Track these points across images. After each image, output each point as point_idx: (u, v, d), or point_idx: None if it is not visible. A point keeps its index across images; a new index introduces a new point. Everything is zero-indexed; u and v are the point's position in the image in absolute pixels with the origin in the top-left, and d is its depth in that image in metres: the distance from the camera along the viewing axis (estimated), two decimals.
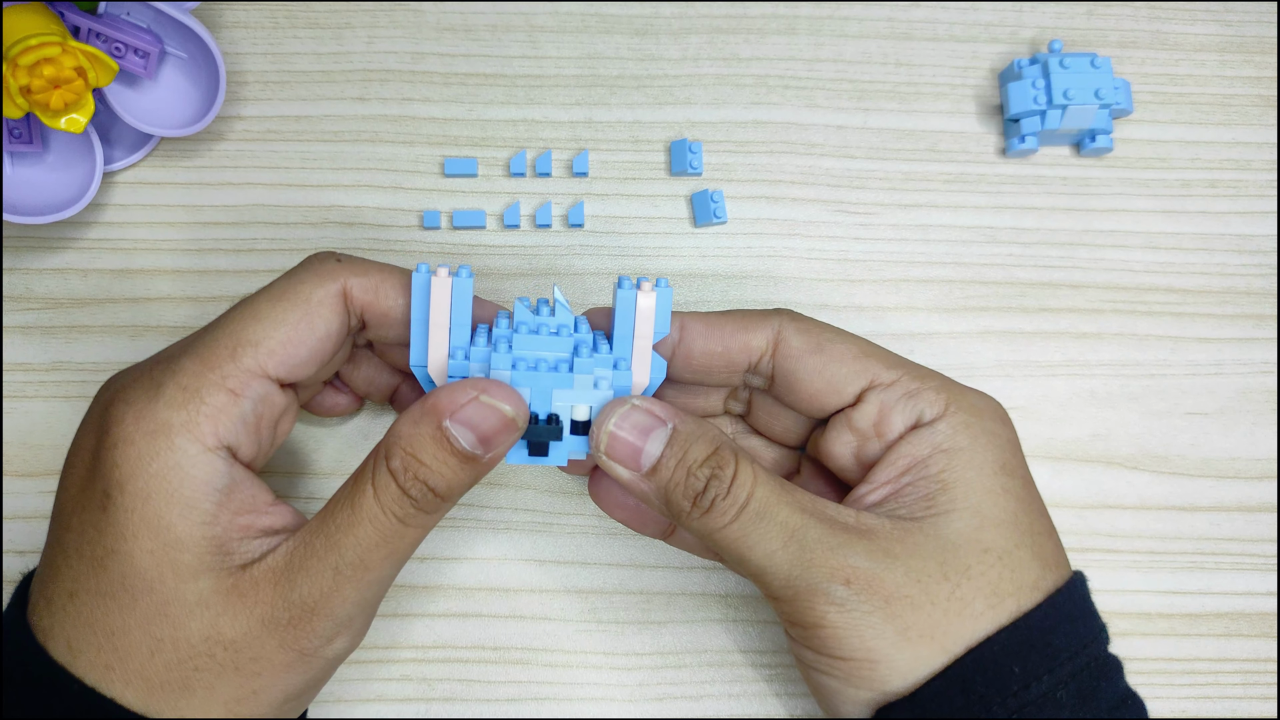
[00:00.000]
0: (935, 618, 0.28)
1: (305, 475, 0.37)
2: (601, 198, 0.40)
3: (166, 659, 0.27)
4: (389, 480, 0.27)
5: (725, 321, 0.32)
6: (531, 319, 0.30)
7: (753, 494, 0.28)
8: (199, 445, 0.28)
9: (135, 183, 0.39)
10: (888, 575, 0.28)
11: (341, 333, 0.31)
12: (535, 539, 0.37)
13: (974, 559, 0.28)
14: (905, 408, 0.30)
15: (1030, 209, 0.41)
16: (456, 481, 0.28)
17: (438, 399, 0.28)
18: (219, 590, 0.27)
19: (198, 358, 0.29)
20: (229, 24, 0.41)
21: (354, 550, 0.27)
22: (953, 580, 0.28)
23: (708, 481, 0.28)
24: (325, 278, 0.30)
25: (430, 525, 0.29)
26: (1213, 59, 0.43)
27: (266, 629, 0.27)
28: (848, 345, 0.31)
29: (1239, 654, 0.38)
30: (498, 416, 0.28)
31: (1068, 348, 0.40)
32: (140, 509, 0.27)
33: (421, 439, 0.27)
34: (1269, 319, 0.40)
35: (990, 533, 0.29)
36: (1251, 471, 0.39)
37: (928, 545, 0.28)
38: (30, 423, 0.38)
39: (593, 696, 0.36)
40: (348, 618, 0.28)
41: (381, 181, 0.40)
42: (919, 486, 0.29)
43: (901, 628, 0.28)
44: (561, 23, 0.41)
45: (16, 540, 0.37)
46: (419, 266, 0.29)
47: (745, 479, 0.28)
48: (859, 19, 0.42)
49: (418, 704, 0.36)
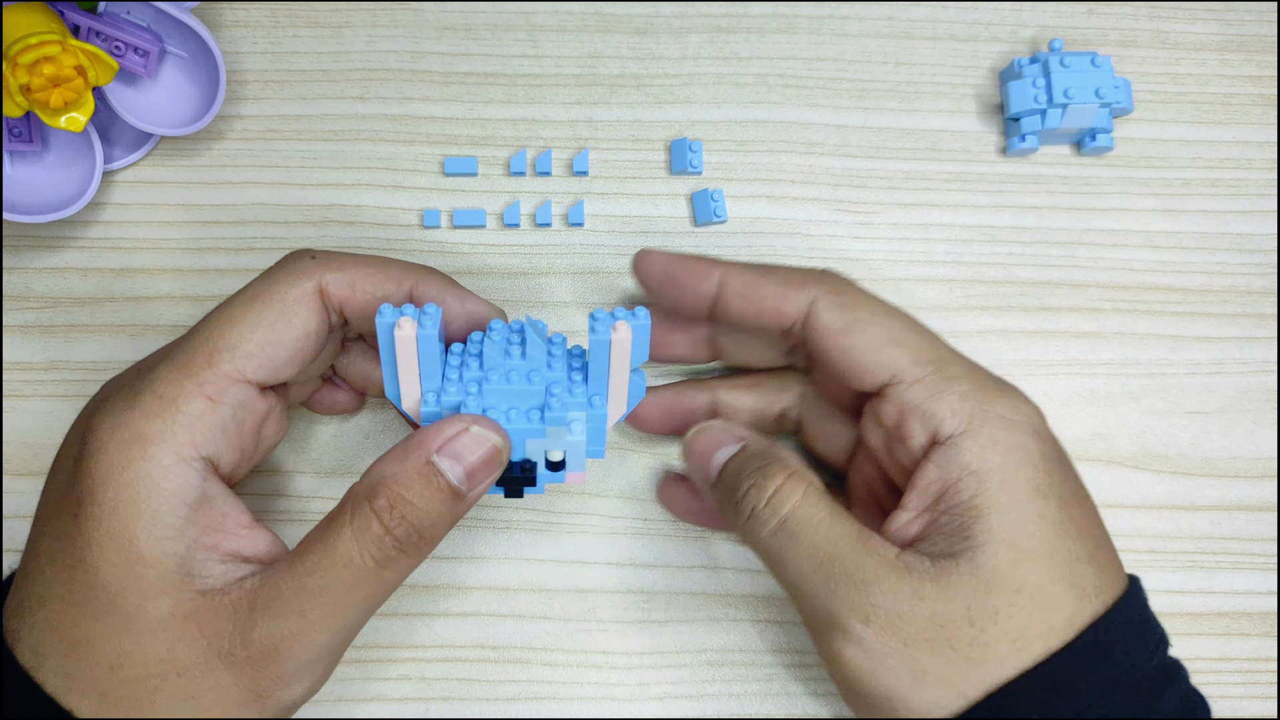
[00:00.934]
0: (955, 663, 0.27)
1: (306, 475, 0.37)
2: (601, 197, 0.40)
3: (125, 676, 0.26)
4: (370, 520, 0.27)
5: (763, 283, 0.31)
6: (503, 364, 0.29)
7: (794, 512, 0.28)
8: (174, 455, 0.27)
9: (135, 182, 0.39)
10: (910, 618, 0.27)
11: (321, 331, 0.30)
12: (535, 539, 0.37)
13: (1004, 601, 0.27)
14: (925, 414, 0.29)
15: (1030, 208, 0.41)
16: (441, 521, 0.28)
17: (423, 436, 0.28)
18: (177, 613, 0.27)
19: (175, 365, 0.28)
20: (229, 23, 0.41)
21: (324, 594, 0.27)
22: (978, 625, 0.27)
23: (748, 490, 0.28)
24: (300, 276, 0.30)
25: (406, 572, 0.28)
26: (1213, 58, 0.43)
27: (223, 663, 0.27)
28: (880, 328, 0.30)
29: (1239, 654, 0.38)
30: (486, 448, 0.28)
31: (1068, 347, 0.40)
32: (107, 520, 0.27)
33: (408, 476, 0.27)
34: (1269, 318, 0.40)
35: (1025, 568, 0.27)
36: (1252, 471, 0.39)
37: (961, 586, 0.27)
38: (30, 422, 0.38)
39: (593, 696, 0.36)
40: (309, 663, 0.27)
41: (381, 181, 0.40)
42: (954, 515, 0.28)
43: (918, 671, 0.27)
44: (561, 22, 0.41)
45: (17, 540, 0.37)
46: (381, 308, 0.29)
47: (789, 495, 0.28)
48: (859, 18, 0.42)
49: (418, 704, 0.36)
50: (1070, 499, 0.29)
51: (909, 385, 0.30)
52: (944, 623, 0.27)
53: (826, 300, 0.30)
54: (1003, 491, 0.28)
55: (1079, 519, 0.29)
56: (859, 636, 0.27)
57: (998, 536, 0.27)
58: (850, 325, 0.30)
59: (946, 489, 0.29)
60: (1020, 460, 0.28)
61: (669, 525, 0.37)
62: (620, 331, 0.29)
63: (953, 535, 0.28)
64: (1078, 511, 0.29)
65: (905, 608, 0.27)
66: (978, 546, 0.27)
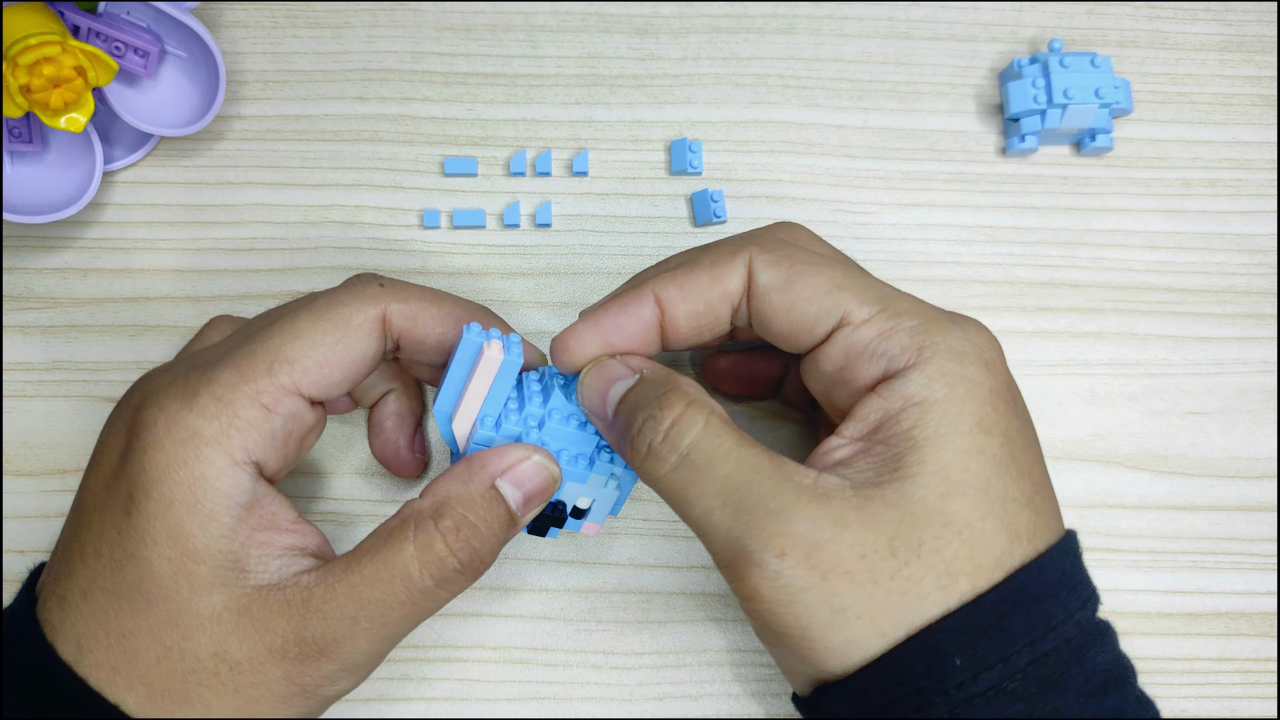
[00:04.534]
0: (876, 598, 0.25)
1: (307, 475, 0.37)
2: (601, 197, 0.40)
3: (172, 668, 0.27)
4: (434, 540, 0.27)
5: (697, 273, 0.29)
6: (565, 406, 0.30)
7: (696, 444, 0.26)
8: (227, 458, 0.28)
9: (135, 182, 0.39)
10: (829, 547, 0.25)
11: (378, 356, 0.31)
12: (535, 539, 0.37)
13: (930, 534, 0.25)
14: (873, 354, 0.28)
15: (1030, 208, 0.41)
16: (498, 546, 0.28)
17: (486, 459, 0.28)
18: (231, 608, 0.27)
19: (235, 369, 0.29)
20: (229, 23, 0.41)
21: (377, 605, 0.27)
22: (900, 557, 0.25)
23: (644, 423, 0.27)
24: (367, 301, 0.30)
25: (457, 593, 0.29)
26: (1213, 58, 0.43)
27: (273, 658, 0.27)
28: (821, 276, 0.28)
29: (1239, 654, 0.38)
30: (544, 478, 0.29)
31: (1067, 347, 0.40)
32: (163, 516, 0.27)
33: (473, 499, 0.28)
34: (1269, 318, 0.40)
35: (955, 502, 0.26)
36: (1251, 471, 0.39)
37: (885, 515, 0.25)
38: (30, 422, 0.38)
39: (593, 696, 0.36)
40: (355, 666, 0.28)
41: (381, 181, 0.40)
42: (889, 445, 0.27)
43: (837, 606, 0.25)
44: (561, 22, 0.41)
45: (17, 540, 0.37)
46: (470, 326, 0.29)
47: (689, 425, 0.27)
48: (859, 19, 0.42)
49: (418, 704, 0.36)
50: (1015, 437, 0.27)
51: (856, 327, 0.28)
52: (865, 553, 0.25)
53: (761, 260, 0.29)
54: (943, 423, 0.26)
55: (1020, 459, 0.27)
56: (774, 570, 0.25)
57: (930, 468, 0.26)
58: (790, 278, 0.29)
59: (886, 419, 0.27)
60: (966, 393, 0.27)
61: (669, 525, 0.37)
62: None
63: (883, 465, 0.26)
64: (1020, 451, 0.27)
65: (824, 536, 0.25)
66: (908, 477, 0.26)
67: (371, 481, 0.37)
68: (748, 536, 0.26)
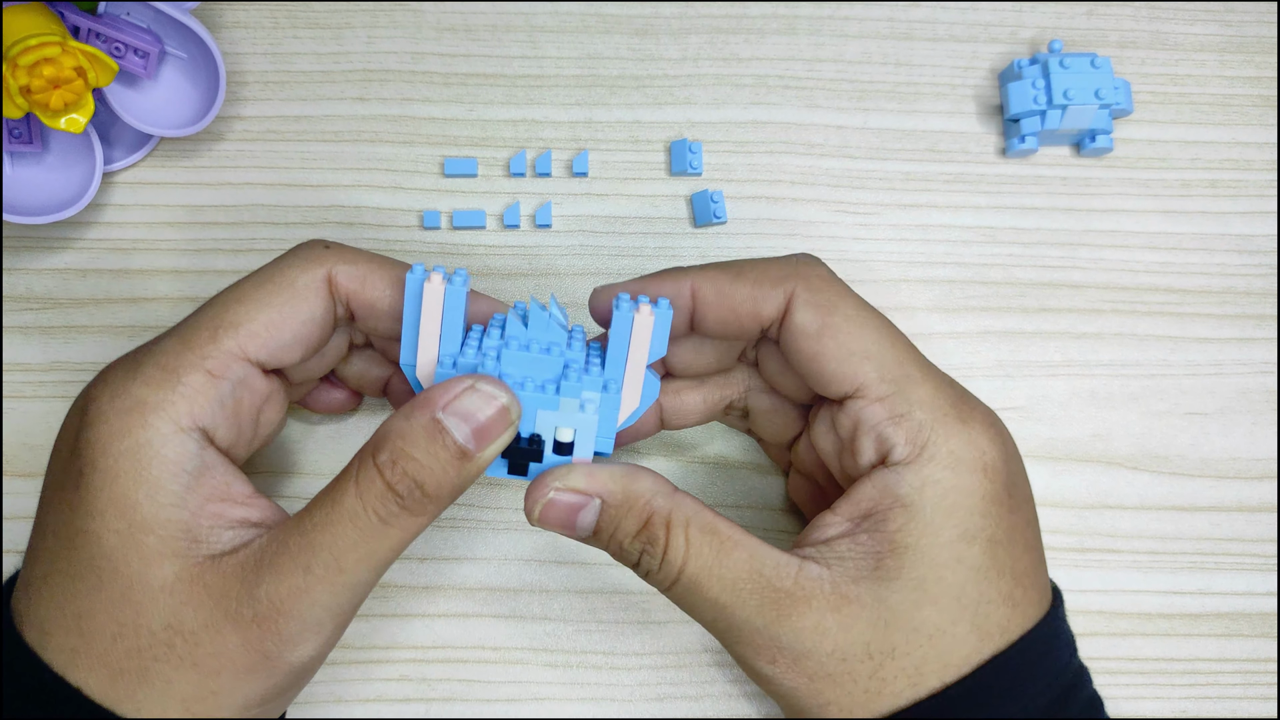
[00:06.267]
0: (855, 695, 0.28)
1: (306, 475, 0.37)
2: (601, 198, 0.40)
3: (128, 645, 0.26)
4: (374, 476, 0.27)
5: (737, 286, 0.30)
6: (523, 333, 0.29)
7: (683, 569, 0.28)
8: (172, 424, 0.27)
9: (135, 183, 0.39)
10: (812, 656, 0.28)
11: (326, 319, 0.30)
12: (535, 539, 0.37)
13: (901, 639, 0.28)
14: (879, 437, 0.29)
15: (1030, 209, 0.41)
16: (446, 480, 0.27)
17: (429, 393, 0.27)
18: (183, 578, 0.27)
19: (178, 338, 0.29)
20: (229, 24, 0.41)
21: (329, 549, 0.26)
22: (876, 659, 0.28)
23: (640, 556, 0.29)
24: (311, 263, 0.30)
25: (414, 530, 0.28)
26: (1213, 59, 0.43)
27: (230, 623, 0.26)
28: (852, 337, 0.29)
29: (1239, 654, 0.38)
30: (494, 406, 0.27)
31: (1067, 348, 0.40)
32: (109, 487, 0.27)
33: (414, 432, 0.27)
34: (1269, 319, 0.40)
35: (927, 610, 0.28)
36: (1251, 471, 0.39)
37: (862, 618, 0.28)
38: (30, 423, 0.38)
39: (593, 696, 0.36)
40: (316, 622, 0.27)
41: (381, 181, 0.40)
42: (874, 539, 0.28)
43: (822, 703, 0.28)
44: (561, 23, 0.41)
45: (17, 540, 0.37)
46: (414, 267, 0.29)
47: (675, 554, 0.28)
48: (859, 19, 0.42)
49: (418, 704, 0.36)
50: (1001, 539, 0.29)
51: (869, 402, 0.29)
52: (845, 658, 0.28)
53: (803, 298, 0.30)
54: (925, 534, 0.28)
55: (1004, 559, 0.29)
56: (768, 674, 0.28)
57: (907, 575, 0.28)
58: (824, 330, 0.29)
59: (876, 511, 0.28)
60: (954, 504, 0.28)
61: None
62: (643, 314, 0.29)
63: (864, 559, 0.28)
64: (1005, 551, 0.29)
65: (807, 646, 0.28)
66: (886, 579, 0.28)
67: None
68: (741, 647, 0.29)
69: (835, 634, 0.28)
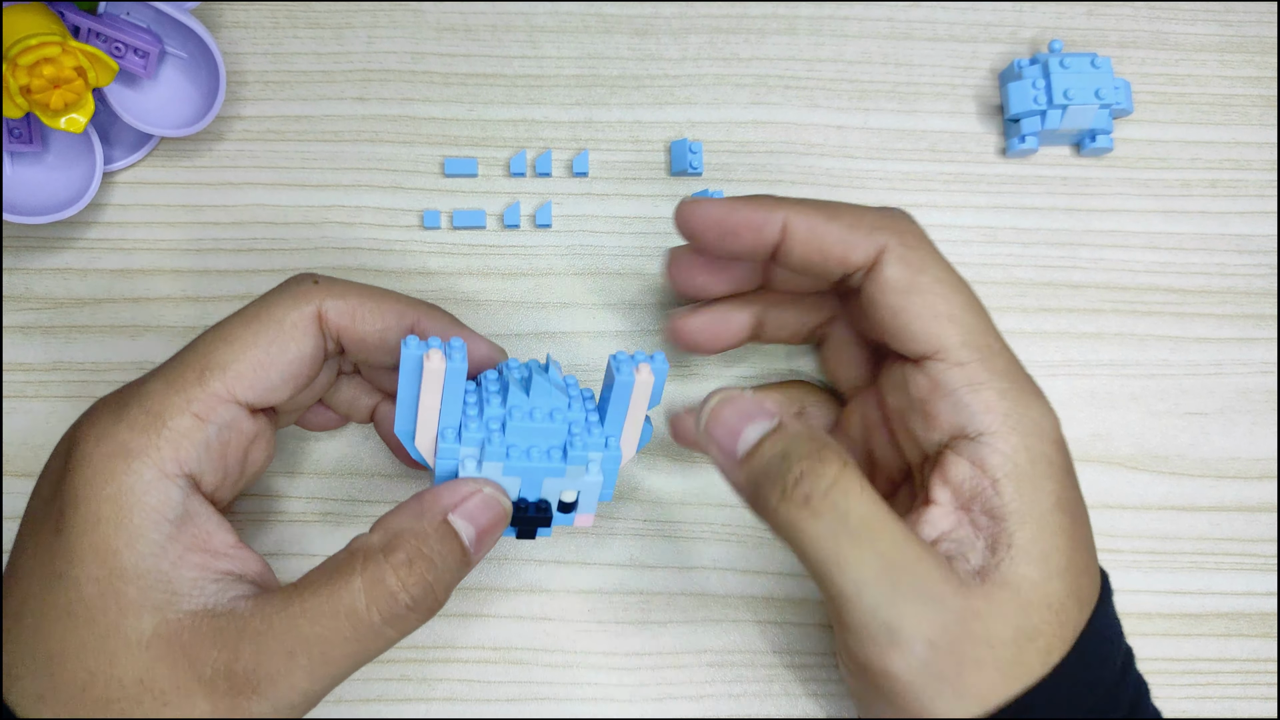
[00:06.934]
0: (993, 679, 0.27)
1: (306, 475, 0.37)
2: (601, 198, 0.40)
3: (96, 695, 0.25)
4: (387, 574, 0.26)
5: (830, 228, 0.30)
6: (524, 401, 0.29)
7: (853, 508, 0.26)
8: (156, 470, 0.27)
9: (135, 183, 0.39)
10: (969, 639, 0.27)
11: (316, 356, 0.30)
12: (535, 540, 0.37)
13: (1039, 619, 0.27)
14: (957, 403, 0.29)
15: (1030, 209, 0.41)
16: (452, 582, 0.27)
17: (437, 494, 0.27)
18: (161, 633, 0.26)
19: (165, 381, 0.28)
20: (229, 24, 0.41)
21: (318, 642, 0.26)
22: (1019, 645, 0.27)
23: (800, 475, 0.27)
24: (300, 300, 0.29)
25: (406, 634, 0.27)
26: (1213, 59, 0.43)
27: (202, 689, 0.26)
28: (939, 298, 0.29)
29: (1239, 654, 0.38)
30: (496, 512, 0.28)
31: (1068, 348, 0.40)
32: (90, 533, 0.26)
33: (426, 533, 0.27)
34: (1269, 319, 0.40)
35: (1054, 584, 0.28)
36: (1251, 471, 0.39)
37: (1008, 604, 0.27)
38: (30, 423, 0.38)
39: (593, 696, 0.36)
40: (289, 705, 0.26)
41: (381, 181, 0.40)
42: (991, 518, 0.28)
43: (961, 689, 0.27)
44: (561, 23, 0.41)
45: None
46: (407, 340, 0.28)
47: (849, 487, 0.27)
48: (859, 19, 0.42)
49: (418, 704, 0.36)
50: (1076, 510, 0.29)
51: (950, 366, 0.29)
52: (994, 644, 0.27)
53: (896, 253, 0.29)
54: (1034, 504, 0.28)
55: (1083, 530, 0.29)
56: (920, 656, 0.26)
57: (1031, 553, 0.28)
58: (912, 287, 0.29)
59: (980, 491, 0.28)
60: (1045, 471, 0.28)
61: (669, 526, 0.37)
62: (644, 374, 0.29)
63: (990, 541, 0.28)
64: (1082, 522, 0.29)
65: (967, 629, 0.27)
66: (1016, 559, 0.27)
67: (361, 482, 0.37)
68: (902, 619, 0.26)
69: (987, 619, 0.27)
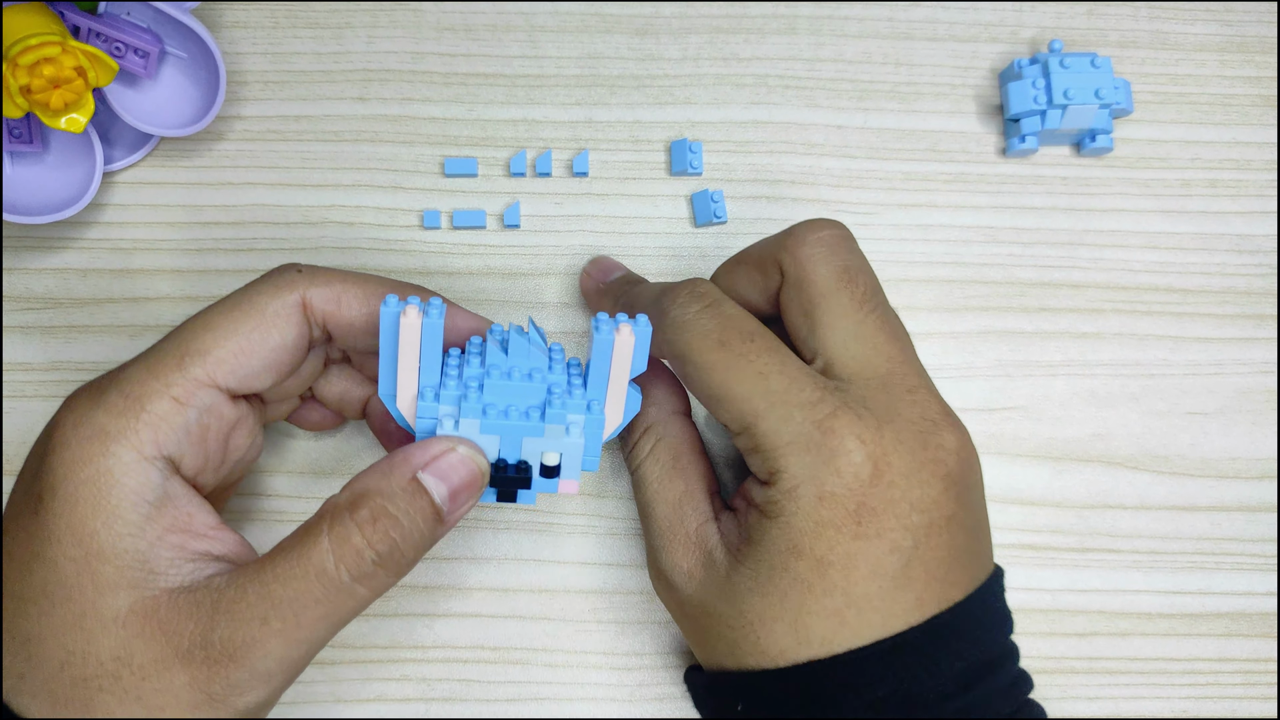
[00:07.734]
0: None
1: (305, 475, 0.37)
2: (601, 198, 0.40)
3: (75, 674, 0.26)
4: (351, 532, 0.26)
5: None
6: (503, 361, 0.29)
7: (641, 466, 0.33)
8: (135, 453, 0.27)
9: (135, 183, 0.39)
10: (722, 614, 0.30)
11: (300, 344, 0.30)
12: (535, 539, 0.37)
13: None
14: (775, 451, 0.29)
15: (1030, 209, 0.41)
16: (422, 541, 0.27)
17: (409, 453, 0.27)
18: (137, 610, 0.26)
19: (144, 366, 0.28)
20: (229, 24, 0.41)
21: (290, 604, 0.26)
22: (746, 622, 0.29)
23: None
24: (283, 288, 0.30)
25: (380, 591, 0.27)
26: (1213, 59, 0.43)
27: (179, 662, 0.26)
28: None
29: (1239, 654, 0.38)
30: (471, 470, 0.28)
31: (1068, 348, 0.40)
32: (68, 514, 0.26)
33: (394, 491, 0.27)
34: (1269, 319, 0.40)
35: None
36: (1251, 471, 0.39)
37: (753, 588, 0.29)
38: (30, 423, 0.38)
39: (593, 696, 0.36)
40: (266, 672, 0.26)
41: (381, 181, 0.40)
42: (757, 515, 0.30)
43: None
44: (561, 23, 0.41)
45: None
46: (388, 298, 0.28)
47: (642, 447, 0.33)
48: (859, 19, 0.42)
49: (418, 704, 0.36)
50: (836, 561, 0.28)
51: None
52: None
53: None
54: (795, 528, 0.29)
55: (835, 578, 0.28)
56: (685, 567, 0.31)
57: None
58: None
59: (761, 505, 0.30)
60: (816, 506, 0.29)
61: None
62: (623, 334, 0.29)
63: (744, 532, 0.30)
64: (838, 571, 0.28)
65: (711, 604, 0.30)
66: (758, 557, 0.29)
67: None
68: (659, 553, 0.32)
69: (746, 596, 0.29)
